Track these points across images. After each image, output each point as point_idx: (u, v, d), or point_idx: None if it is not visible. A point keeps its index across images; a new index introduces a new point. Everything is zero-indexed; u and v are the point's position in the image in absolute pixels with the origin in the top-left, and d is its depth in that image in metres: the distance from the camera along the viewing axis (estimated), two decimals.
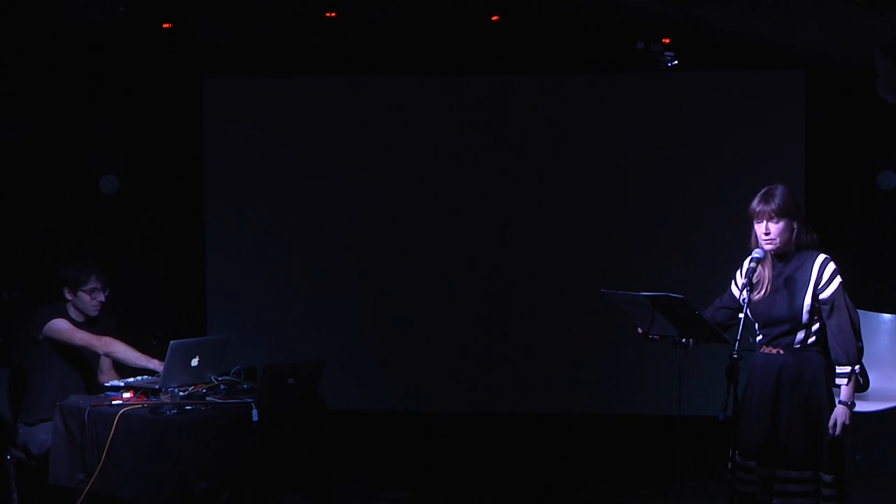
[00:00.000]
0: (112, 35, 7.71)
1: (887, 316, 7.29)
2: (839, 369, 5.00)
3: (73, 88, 8.17)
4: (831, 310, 4.99)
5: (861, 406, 6.54)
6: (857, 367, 4.99)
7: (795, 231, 5.07)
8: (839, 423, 4.98)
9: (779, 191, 5.07)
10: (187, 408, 5.50)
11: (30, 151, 8.14)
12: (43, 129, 8.17)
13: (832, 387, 5.07)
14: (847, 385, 4.99)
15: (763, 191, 5.10)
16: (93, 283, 6.11)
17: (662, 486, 7.12)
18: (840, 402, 5.00)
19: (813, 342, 5.05)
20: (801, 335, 5.04)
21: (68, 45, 7.82)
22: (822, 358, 5.05)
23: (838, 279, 5.01)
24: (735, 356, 4.82)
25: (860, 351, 5.02)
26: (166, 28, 7.59)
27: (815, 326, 5.04)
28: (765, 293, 5.06)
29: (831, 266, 5.03)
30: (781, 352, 5.06)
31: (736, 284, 5.22)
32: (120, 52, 8.03)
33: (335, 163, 8.54)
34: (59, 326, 6.05)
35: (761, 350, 5.12)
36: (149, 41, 7.82)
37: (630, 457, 7.98)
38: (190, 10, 7.52)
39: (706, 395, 6.14)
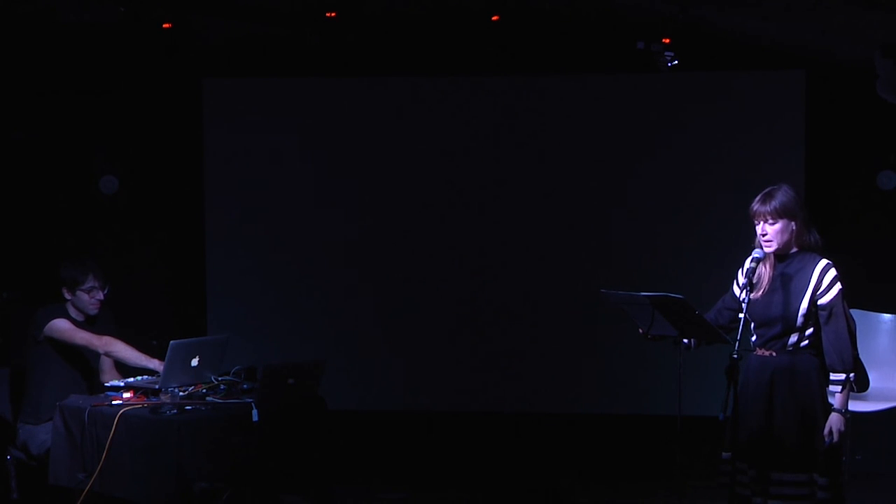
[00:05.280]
0: (112, 35, 7.71)
1: (887, 316, 7.28)
2: (834, 376, 4.97)
3: (73, 88, 8.17)
4: (829, 316, 4.97)
5: (861, 406, 6.55)
6: (851, 374, 4.98)
7: (794, 232, 5.05)
8: (835, 430, 4.94)
9: (779, 192, 5.04)
10: (187, 408, 5.50)
11: (30, 151, 8.15)
12: (43, 129, 8.18)
13: (826, 388, 5.05)
14: (841, 392, 4.97)
15: (764, 191, 5.08)
16: (91, 282, 6.12)
17: (662, 486, 7.12)
18: (834, 409, 4.97)
19: (806, 345, 5.03)
20: (794, 338, 5.02)
21: (68, 45, 7.82)
22: (816, 360, 5.03)
23: (838, 286, 4.98)
24: (735, 356, 4.81)
25: (855, 359, 5.02)
26: (166, 28, 7.59)
27: (809, 330, 5.02)
28: (763, 293, 5.05)
29: (832, 272, 5.00)
30: (774, 354, 5.05)
31: (737, 284, 5.22)
32: (120, 52, 8.04)
33: (335, 163, 8.54)
34: (60, 326, 6.06)
35: (756, 352, 5.10)
36: (149, 41, 7.82)
37: (630, 457, 7.97)
38: (190, 10, 7.52)
39: (706, 395, 6.14)
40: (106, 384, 6.02)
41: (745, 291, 5.01)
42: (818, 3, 6.48)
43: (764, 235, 5.04)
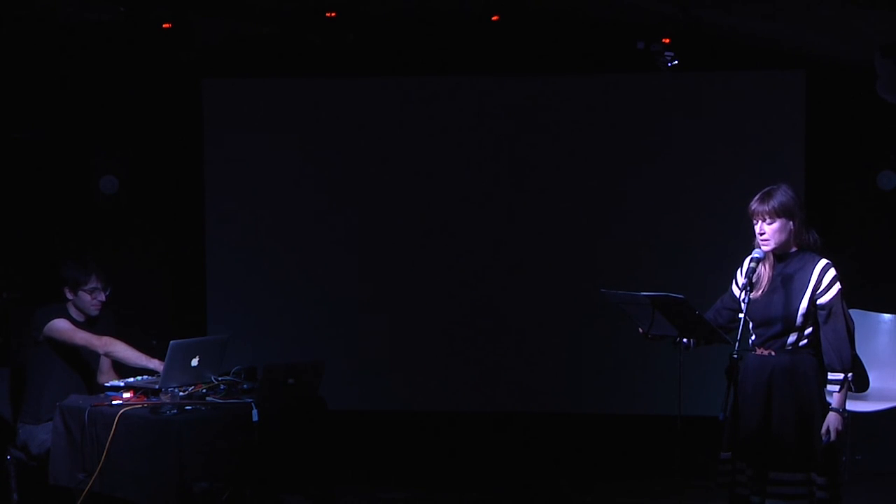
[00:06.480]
0: (112, 35, 7.70)
1: (887, 316, 7.29)
2: (832, 376, 4.98)
3: (73, 88, 8.17)
4: (828, 315, 4.98)
5: (861, 406, 6.56)
6: (849, 374, 4.98)
7: (793, 232, 5.06)
8: (832, 429, 4.95)
9: (778, 191, 5.06)
10: (187, 408, 5.50)
11: (30, 151, 8.14)
12: (43, 129, 8.17)
13: (824, 388, 5.05)
14: (839, 392, 4.97)
15: (763, 190, 5.09)
16: (93, 283, 6.12)
17: (662, 486, 7.12)
18: (832, 409, 4.98)
19: (805, 345, 5.04)
20: (793, 337, 5.03)
21: (68, 45, 7.82)
22: (815, 360, 5.03)
23: (837, 286, 4.99)
24: (735, 356, 4.83)
25: (854, 359, 5.02)
26: (166, 28, 7.58)
27: (808, 330, 5.03)
28: (762, 292, 5.05)
29: (832, 272, 5.01)
30: (773, 353, 5.05)
31: (736, 284, 5.22)
32: (120, 52, 8.03)
33: (335, 163, 8.54)
34: (60, 326, 6.06)
35: (755, 351, 5.10)
36: (149, 41, 7.81)
37: (630, 457, 7.97)
38: (189, 10, 7.51)
39: (706, 395, 6.15)
40: (105, 384, 6.02)
41: (744, 292, 5.02)
42: (818, 3, 6.48)
43: (761, 234, 5.06)
